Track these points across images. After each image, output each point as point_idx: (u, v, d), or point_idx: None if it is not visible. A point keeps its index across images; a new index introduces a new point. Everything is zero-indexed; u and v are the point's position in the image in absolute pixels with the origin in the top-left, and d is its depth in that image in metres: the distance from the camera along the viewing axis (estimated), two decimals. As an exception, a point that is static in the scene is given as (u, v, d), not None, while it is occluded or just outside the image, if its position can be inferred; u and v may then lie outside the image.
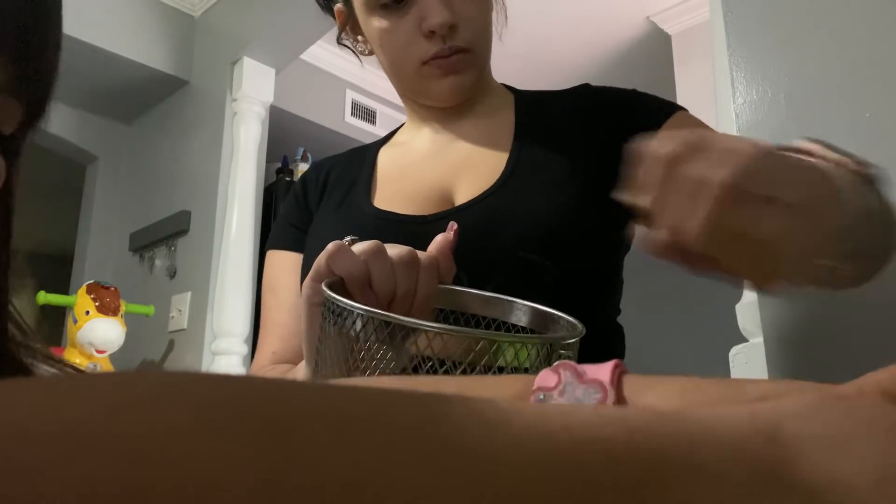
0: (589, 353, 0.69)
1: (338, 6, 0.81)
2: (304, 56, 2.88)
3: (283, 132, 3.02)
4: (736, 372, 0.89)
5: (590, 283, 0.68)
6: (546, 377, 0.30)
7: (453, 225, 0.55)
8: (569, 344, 0.42)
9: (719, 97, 1.01)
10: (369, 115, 3.38)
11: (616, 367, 0.31)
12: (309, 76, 3.14)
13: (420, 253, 0.52)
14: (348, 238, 0.52)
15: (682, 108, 0.76)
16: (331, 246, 0.50)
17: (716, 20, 1.03)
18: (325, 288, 0.46)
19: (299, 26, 2.35)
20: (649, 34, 3.10)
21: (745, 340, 0.89)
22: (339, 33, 0.84)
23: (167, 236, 2.53)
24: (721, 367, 1.18)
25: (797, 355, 0.85)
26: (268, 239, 0.84)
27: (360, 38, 0.81)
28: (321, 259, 0.50)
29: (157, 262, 2.56)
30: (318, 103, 3.17)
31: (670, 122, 0.71)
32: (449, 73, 0.72)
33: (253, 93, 2.43)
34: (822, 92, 0.90)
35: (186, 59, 2.68)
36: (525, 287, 0.62)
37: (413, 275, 0.50)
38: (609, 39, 3.18)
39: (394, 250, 0.50)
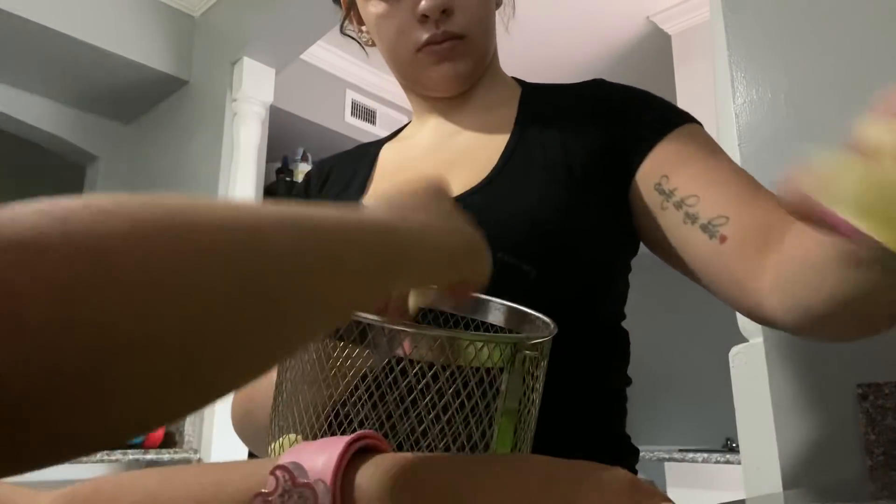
0: (589, 358, 0.68)
1: None
2: (304, 56, 2.88)
3: (283, 132, 3.02)
4: (736, 372, 0.89)
5: (577, 285, 0.65)
6: (269, 482, 0.33)
7: None
8: (534, 344, 0.41)
9: (719, 97, 1.01)
10: (369, 115, 3.38)
11: (346, 448, 0.33)
12: (309, 76, 3.14)
13: None
14: None
15: (693, 121, 0.70)
16: None
17: (716, 20, 1.03)
18: None
19: (299, 26, 2.35)
20: (649, 34, 3.10)
21: (745, 340, 0.89)
22: (342, 22, 0.83)
23: (167, 236, 2.52)
24: (721, 367, 1.18)
25: (797, 355, 0.85)
26: None
27: (363, 28, 0.80)
28: None
29: (157, 262, 2.56)
30: (318, 103, 3.17)
31: (675, 133, 0.67)
32: (443, 61, 0.71)
33: (253, 93, 2.43)
34: (822, 92, 0.90)
35: (186, 59, 2.68)
36: (502, 289, 0.61)
37: None
38: (609, 39, 3.18)
39: None
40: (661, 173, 0.65)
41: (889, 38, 0.85)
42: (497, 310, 0.51)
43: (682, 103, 2.76)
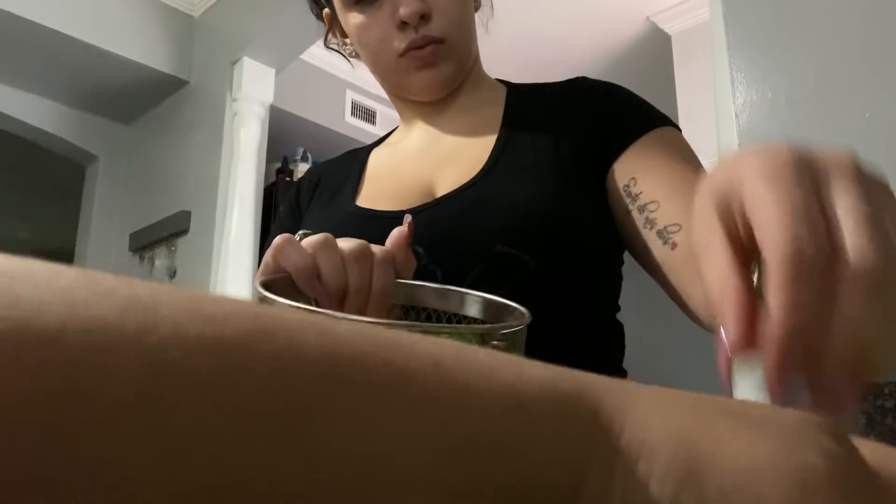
0: (585, 351, 0.69)
1: (325, 10, 0.82)
2: (304, 56, 2.88)
3: (283, 132, 3.02)
4: (735, 371, 0.89)
5: (576, 275, 0.66)
6: None
7: (408, 218, 0.54)
8: (505, 334, 0.40)
9: (719, 97, 1.01)
10: (369, 115, 3.38)
11: None
12: (309, 76, 3.14)
13: (376, 247, 0.51)
14: (300, 233, 0.51)
15: (670, 125, 0.71)
16: (277, 240, 0.49)
17: (716, 20, 1.03)
18: (257, 284, 0.43)
19: (299, 26, 2.35)
20: (649, 34, 3.10)
21: (745, 340, 0.89)
22: (326, 35, 0.84)
23: (167, 236, 2.53)
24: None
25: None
26: (264, 246, 0.84)
27: (346, 40, 0.81)
28: (268, 254, 0.50)
29: (157, 263, 2.56)
30: (318, 103, 3.17)
31: (649, 136, 0.68)
32: (425, 66, 0.72)
33: (253, 93, 2.43)
34: (822, 92, 0.90)
35: (186, 59, 2.68)
36: (502, 281, 0.61)
37: (365, 269, 0.49)
38: (609, 39, 3.18)
39: (345, 244, 0.49)
40: (630, 175, 0.66)
41: (888, 38, 0.85)
42: (475, 302, 0.51)
43: (682, 103, 2.76)
